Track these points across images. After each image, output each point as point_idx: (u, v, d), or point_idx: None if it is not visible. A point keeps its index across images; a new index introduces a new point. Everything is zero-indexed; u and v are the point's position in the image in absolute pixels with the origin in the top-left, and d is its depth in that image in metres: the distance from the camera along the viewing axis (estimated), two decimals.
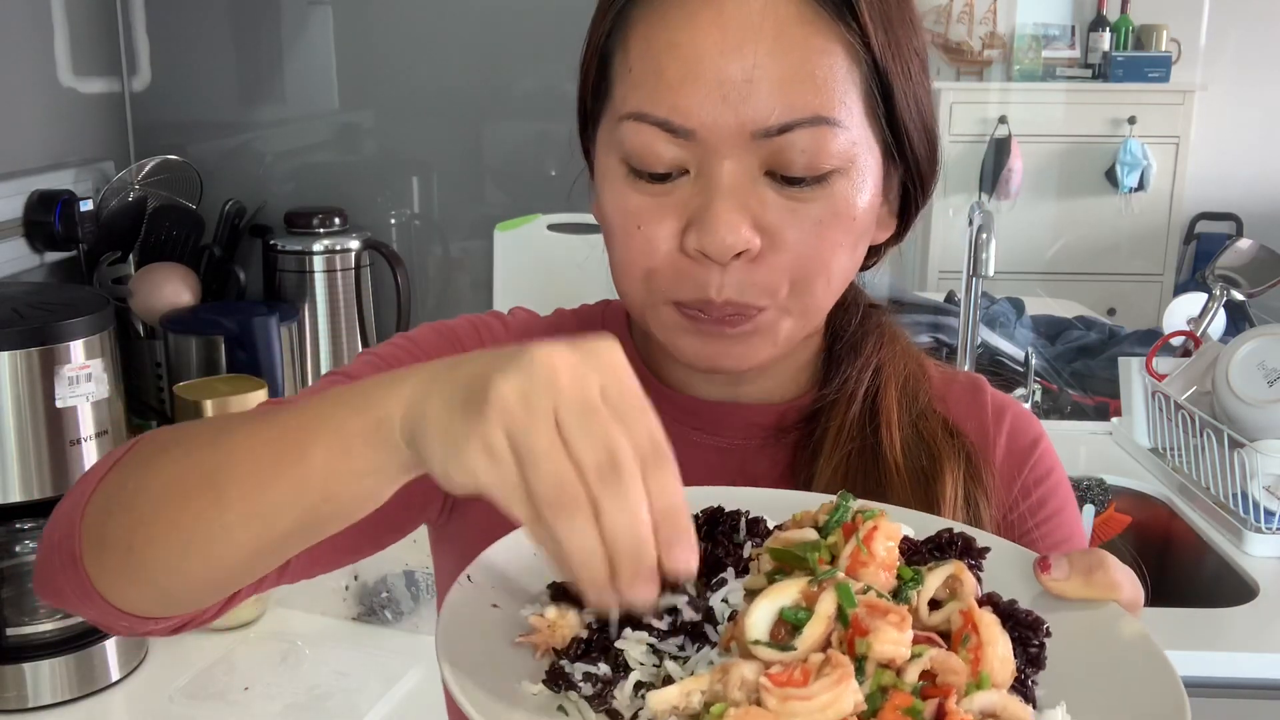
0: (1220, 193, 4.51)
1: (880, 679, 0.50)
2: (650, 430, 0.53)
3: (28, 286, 1.67)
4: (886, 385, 0.84)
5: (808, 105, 0.70)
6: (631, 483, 0.51)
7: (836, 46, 0.71)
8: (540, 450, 0.51)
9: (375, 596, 1.50)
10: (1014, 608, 0.58)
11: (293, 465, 0.59)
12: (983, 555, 0.62)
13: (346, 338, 2.08)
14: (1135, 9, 4.53)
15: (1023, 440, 0.87)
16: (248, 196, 2.09)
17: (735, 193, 0.71)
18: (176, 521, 0.64)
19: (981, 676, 0.51)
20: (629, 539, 0.51)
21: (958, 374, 0.90)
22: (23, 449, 1.28)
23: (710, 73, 0.69)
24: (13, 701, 1.30)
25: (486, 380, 0.52)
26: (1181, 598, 1.76)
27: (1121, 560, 0.63)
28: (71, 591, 0.69)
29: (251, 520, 0.62)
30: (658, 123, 0.71)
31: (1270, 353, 1.82)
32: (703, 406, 0.85)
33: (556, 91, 2.10)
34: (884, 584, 0.56)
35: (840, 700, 0.48)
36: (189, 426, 0.70)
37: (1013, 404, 0.89)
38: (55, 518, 0.72)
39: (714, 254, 0.71)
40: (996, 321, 2.56)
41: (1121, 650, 0.57)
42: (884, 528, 0.57)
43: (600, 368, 0.53)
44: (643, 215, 0.73)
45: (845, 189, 0.72)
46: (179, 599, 0.69)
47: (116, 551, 0.67)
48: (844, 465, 0.81)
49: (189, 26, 2.10)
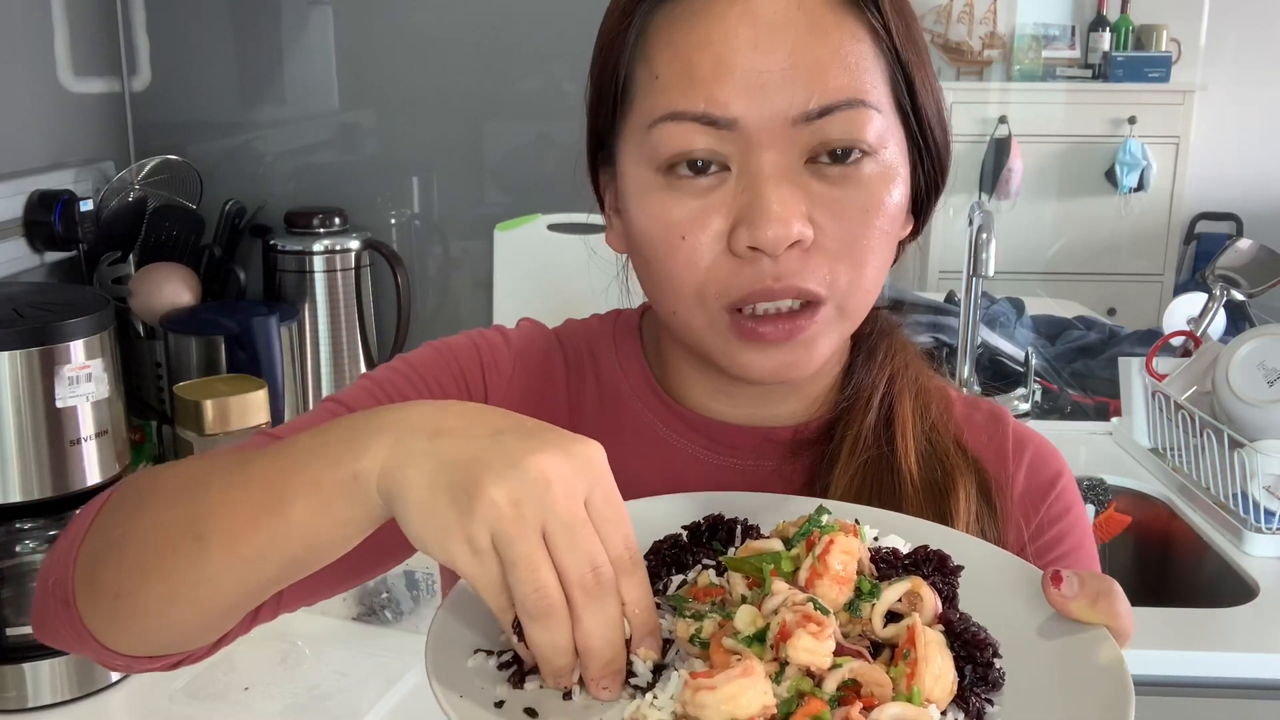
0: (1220, 193, 4.51)
1: (799, 684, 0.52)
2: (626, 538, 0.56)
3: (28, 286, 1.67)
4: (901, 394, 0.83)
5: (845, 88, 0.70)
6: (611, 596, 0.55)
7: (865, 34, 0.72)
8: (524, 557, 0.53)
9: (375, 596, 1.50)
10: (967, 627, 0.58)
11: (273, 517, 0.61)
12: (955, 574, 0.62)
13: (346, 338, 2.08)
14: (1135, 9, 4.53)
15: (1043, 476, 0.85)
16: (248, 196, 2.09)
17: (781, 183, 0.70)
18: (163, 570, 0.65)
19: (913, 691, 0.53)
20: (604, 647, 0.54)
21: (980, 403, 0.89)
22: (23, 449, 1.28)
23: (746, 65, 0.70)
24: (13, 701, 1.30)
25: (478, 479, 0.54)
26: (1181, 598, 1.76)
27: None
28: (67, 634, 0.70)
29: (235, 568, 0.63)
30: (696, 117, 0.70)
31: (1270, 353, 1.82)
32: (719, 427, 0.84)
33: (556, 91, 2.10)
34: (836, 596, 0.58)
35: (744, 694, 0.50)
36: (173, 470, 0.70)
37: (1035, 438, 0.88)
38: (50, 559, 0.72)
39: (768, 246, 0.69)
40: (996, 321, 2.56)
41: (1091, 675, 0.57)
42: (841, 543, 0.59)
43: (590, 477, 0.56)
44: (686, 225, 0.72)
45: (881, 176, 0.73)
46: (169, 641, 0.70)
47: (106, 597, 0.68)
48: (860, 474, 0.80)
49: (189, 26, 2.10)
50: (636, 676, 0.56)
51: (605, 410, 0.86)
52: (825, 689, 0.52)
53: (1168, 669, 1.46)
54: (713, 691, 0.50)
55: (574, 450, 0.56)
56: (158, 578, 0.65)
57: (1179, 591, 1.81)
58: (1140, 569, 1.90)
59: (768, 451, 0.83)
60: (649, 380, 0.86)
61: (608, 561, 0.55)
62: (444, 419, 0.58)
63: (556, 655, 0.54)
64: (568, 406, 0.86)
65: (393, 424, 0.59)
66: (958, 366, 2.08)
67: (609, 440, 0.84)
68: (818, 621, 0.53)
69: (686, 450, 0.84)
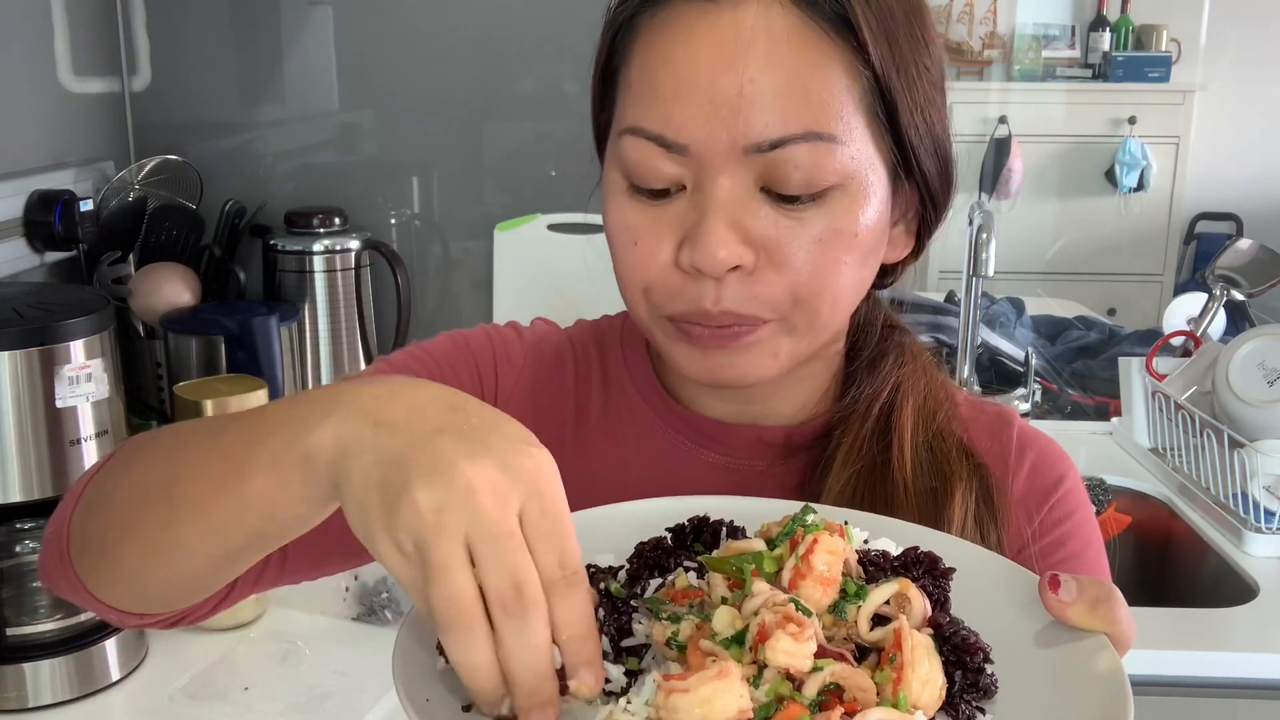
0: (1220, 193, 4.51)
1: (778, 687, 0.50)
2: (564, 553, 0.52)
3: (28, 286, 1.67)
4: (903, 403, 0.83)
5: (801, 121, 0.69)
6: (535, 615, 0.51)
7: (833, 62, 0.70)
8: (439, 565, 0.50)
9: (375, 596, 1.50)
10: (957, 631, 0.56)
11: (234, 487, 0.60)
12: (946, 576, 0.61)
13: (346, 338, 2.08)
14: (1135, 9, 4.53)
15: (1046, 477, 0.84)
16: (248, 196, 2.09)
17: (728, 208, 0.70)
18: (139, 527, 0.66)
19: (899, 697, 0.51)
20: (527, 671, 0.51)
21: (987, 405, 0.89)
22: (23, 449, 1.28)
23: (703, 87, 0.69)
24: (13, 701, 1.30)
25: (406, 480, 0.51)
26: (1181, 598, 1.76)
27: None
28: (65, 585, 0.73)
29: (202, 534, 0.63)
30: (653, 137, 0.71)
31: (1270, 353, 1.82)
32: (712, 425, 0.84)
33: (556, 91, 2.10)
34: (820, 598, 0.56)
35: (719, 697, 0.48)
36: (160, 432, 0.71)
37: (1041, 440, 0.87)
38: (52, 516, 0.75)
39: (706, 269, 0.70)
40: (996, 321, 2.56)
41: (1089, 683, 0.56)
42: (824, 542, 0.57)
43: (526, 488, 0.52)
44: (640, 231, 0.73)
45: (846, 206, 0.71)
46: (152, 599, 0.71)
47: (93, 551, 0.70)
48: (853, 482, 0.80)
49: (189, 26, 2.10)
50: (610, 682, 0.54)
51: (609, 406, 0.87)
52: (805, 693, 0.50)
53: (1168, 669, 1.46)
54: (686, 694, 0.48)
55: (513, 459, 0.52)
56: (134, 534, 0.66)
57: (1179, 591, 1.81)
58: (1140, 569, 1.90)
59: (761, 452, 0.83)
60: (651, 378, 0.86)
61: (535, 579, 0.51)
62: (389, 408, 0.56)
63: (474, 675, 0.51)
64: (574, 403, 0.87)
65: (343, 405, 0.57)
66: (958, 366, 2.08)
67: (612, 436, 0.86)
68: (798, 622, 0.52)
69: (683, 448, 0.84)
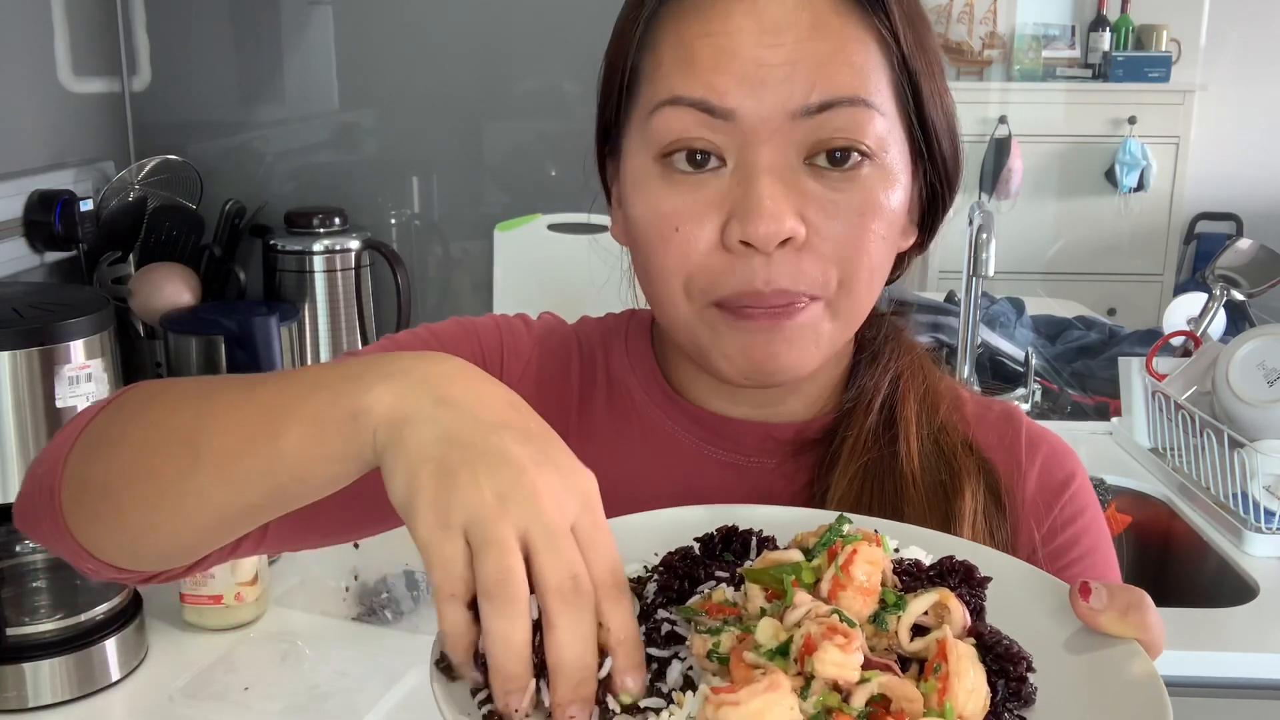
0: (1220, 193, 4.51)
1: (826, 699, 0.50)
2: (613, 565, 0.53)
3: (28, 286, 1.67)
4: (905, 395, 0.83)
5: (847, 85, 0.70)
6: (587, 607, 0.51)
7: (870, 37, 0.72)
8: (496, 542, 0.50)
9: (375, 596, 1.50)
10: (999, 640, 0.56)
11: (267, 441, 0.60)
12: (983, 585, 0.60)
13: (346, 338, 2.08)
14: (1135, 9, 4.53)
15: (1056, 477, 0.84)
16: (248, 196, 2.09)
17: (778, 178, 0.70)
18: (152, 474, 0.65)
19: (945, 707, 0.51)
20: (574, 659, 0.50)
21: (993, 403, 0.88)
22: (23, 449, 1.28)
23: (747, 56, 0.70)
24: (13, 701, 1.30)
25: (471, 465, 0.52)
26: (1181, 598, 1.76)
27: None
28: (47, 526, 0.71)
29: (222, 486, 0.62)
30: (694, 103, 0.70)
31: (1270, 353, 1.82)
32: (721, 422, 0.83)
33: (556, 91, 2.10)
34: (860, 608, 0.56)
35: (770, 710, 0.48)
36: (177, 381, 0.71)
37: (1049, 438, 0.87)
38: (42, 455, 0.73)
39: (760, 242, 0.69)
40: (996, 321, 2.56)
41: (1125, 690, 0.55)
42: (864, 553, 0.56)
43: (580, 503, 0.53)
44: (680, 216, 0.72)
45: (880, 180, 0.72)
46: (145, 552, 0.70)
47: (92, 494, 0.68)
48: (860, 476, 0.79)
49: (189, 26, 2.11)
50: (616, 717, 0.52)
51: (613, 404, 0.87)
52: (853, 704, 0.50)
53: (1167, 669, 1.43)
54: (736, 708, 0.48)
55: (570, 474, 0.54)
56: (145, 481, 0.65)
57: (1179, 591, 1.81)
58: (1140, 569, 1.90)
59: (770, 449, 0.83)
60: (656, 376, 0.86)
61: (588, 577, 0.52)
62: (451, 387, 0.57)
63: (509, 650, 0.50)
64: (578, 399, 0.87)
65: (401, 373, 0.57)
66: (958, 366, 2.08)
67: (616, 432, 0.85)
68: (844, 634, 0.51)
69: (690, 445, 0.84)
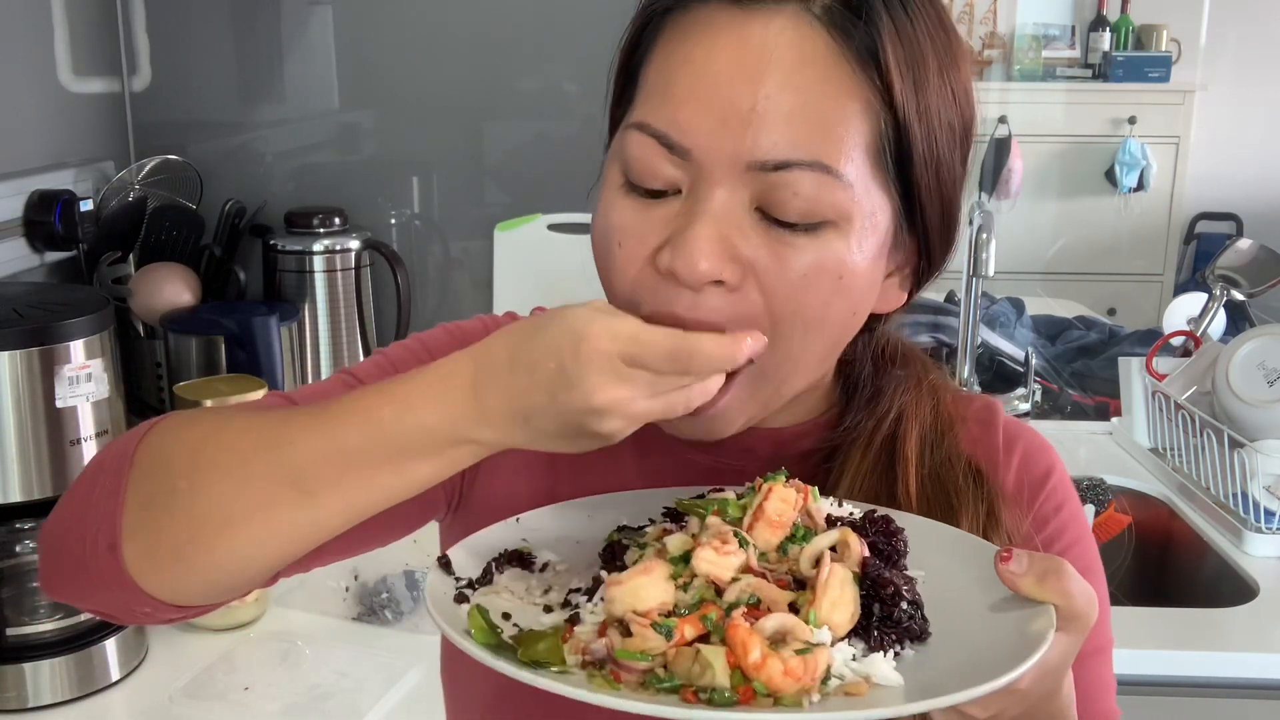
0: (1220, 193, 4.51)
1: (702, 592, 0.61)
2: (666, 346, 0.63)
3: (28, 286, 1.67)
4: (906, 434, 0.81)
5: (811, 148, 0.67)
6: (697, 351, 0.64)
7: (853, 97, 0.68)
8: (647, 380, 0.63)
9: (375, 596, 1.50)
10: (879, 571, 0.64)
11: (394, 475, 0.67)
12: (896, 535, 0.68)
13: (346, 338, 2.08)
14: (1135, 9, 4.53)
15: (1035, 471, 0.84)
16: (248, 196, 2.09)
17: (719, 220, 0.68)
18: (263, 518, 0.68)
19: (809, 614, 0.60)
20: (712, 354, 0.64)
21: (974, 399, 0.88)
22: (23, 449, 1.28)
23: (717, 95, 0.67)
24: (13, 701, 1.30)
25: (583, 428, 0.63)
26: (1181, 598, 1.76)
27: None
28: (104, 581, 0.70)
29: (343, 516, 0.68)
30: (656, 135, 0.69)
31: (1270, 353, 1.82)
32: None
33: (556, 91, 2.10)
34: (770, 537, 0.66)
35: (644, 589, 0.60)
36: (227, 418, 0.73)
37: (1026, 433, 0.86)
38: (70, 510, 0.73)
39: (684, 277, 0.68)
40: (996, 321, 2.56)
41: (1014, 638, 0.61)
42: (779, 492, 0.67)
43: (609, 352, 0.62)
44: (625, 232, 0.71)
45: (838, 246, 0.69)
46: (232, 585, 0.72)
47: (173, 543, 0.69)
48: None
49: (189, 26, 2.10)
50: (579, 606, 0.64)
51: None
52: (725, 599, 0.61)
53: (1168, 669, 1.46)
54: (620, 586, 0.61)
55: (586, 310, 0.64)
56: (251, 524, 0.68)
57: (1179, 591, 1.81)
58: (1140, 569, 1.90)
59: (749, 459, 0.82)
60: None
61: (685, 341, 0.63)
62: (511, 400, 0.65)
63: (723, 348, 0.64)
64: None
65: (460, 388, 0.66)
66: (958, 366, 2.08)
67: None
68: (724, 539, 0.63)
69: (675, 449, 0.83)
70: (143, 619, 0.74)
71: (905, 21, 0.70)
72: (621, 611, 0.60)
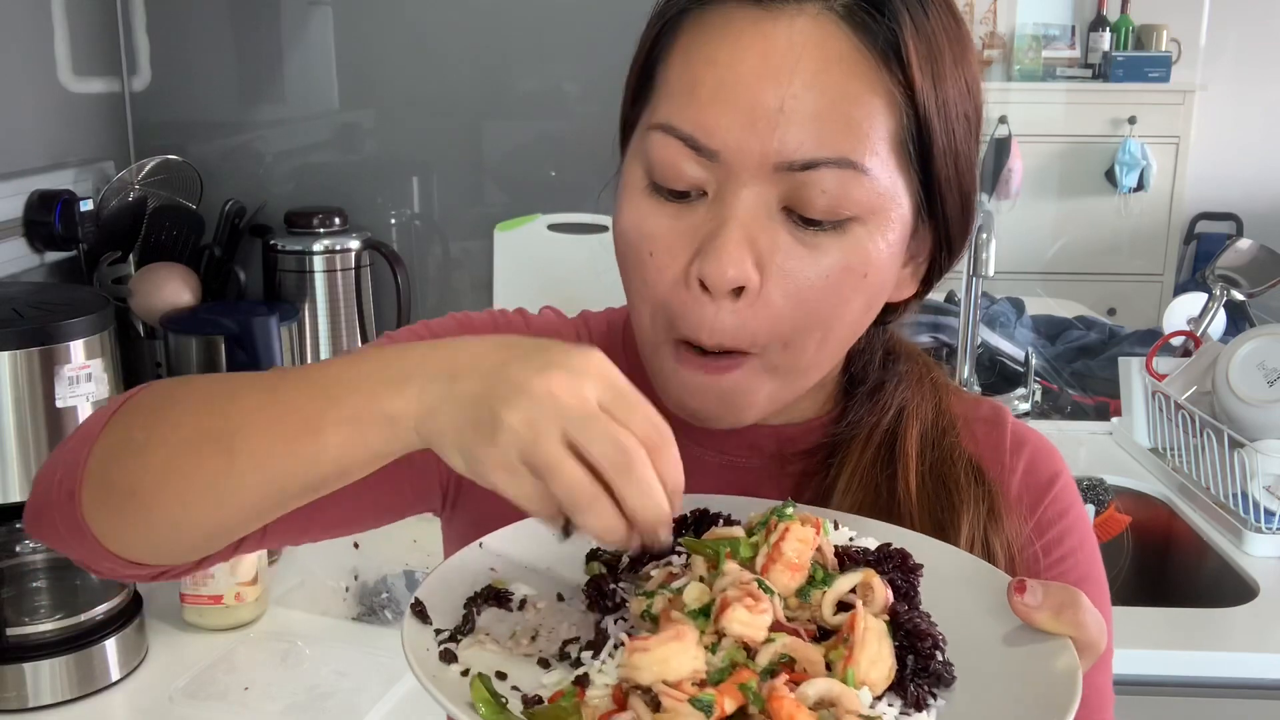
0: (1220, 193, 4.51)
1: (733, 655, 0.56)
2: (648, 418, 0.58)
3: (28, 286, 1.67)
4: (907, 430, 0.82)
5: (837, 146, 0.68)
6: (644, 469, 0.57)
7: (877, 93, 0.69)
8: (549, 464, 0.56)
9: (375, 596, 1.50)
10: (911, 620, 0.60)
11: (309, 442, 0.63)
12: (915, 572, 0.64)
13: (346, 338, 2.08)
14: (1135, 9, 4.53)
15: (1041, 475, 0.84)
16: (248, 196, 2.09)
17: (747, 224, 0.68)
18: (188, 474, 0.67)
19: (847, 673, 0.56)
20: (649, 515, 0.57)
21: (981, 403, 0.88)
22: (23, 449, 1.28)
23: (744, 96, 0.67)
24: (13, 701, 1.30)
25: (494, 411, 0.57)
26: (1181, 598, 1.76)
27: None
28: (64, 527, 0.72)
29: (262, 482, 0.65)
30: (683, 137, 0.69)
31: (1270, 353, 1.82)
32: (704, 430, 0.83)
33: (556, 92, 2.10)
34: (788, 581, 0.61)
35: (675, 657, 0.54)
36: (195, 382, 0.73)
37: (1034, 437, 0.87)
38: (55, 458, 0.74)
39: (712, 284, 0.69)
40: (996, 321, 2.56)
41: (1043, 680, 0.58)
42: (795, 532, 0.62)
43: (593, 378, 0.58)
44: (656, 241, 0.72)
45: (863, 241, 0.70)
46: (168, 547, 0.72)
47: (119, 494, 0.69)
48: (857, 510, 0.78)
49: (189, 26, 2.10)
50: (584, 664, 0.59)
51: None
52: (758, 661, 0.56)
53: (1168, 669, 1.46)
54: (646, 653, 0.54)
55: (572, 361, 0.58)
56: (179, 481, 0.67)
57: (1179, 591, 1.81)
58: (1140, 569, 1.90)
59: (753, 454, 0.83)
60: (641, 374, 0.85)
61: (633, 438, 0.57)
62: (457, 359, 0.61)
63: (610, 535, 0.58)
64: None
65: (417, 370, 0.61)
66: (958, 366, 2.08)
67: None
68: (755, 596, 0.57)
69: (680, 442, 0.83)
70: (110, 573, 0.75)
71: (922, 15, 0.71)
72: (649, 681, 0.54)
